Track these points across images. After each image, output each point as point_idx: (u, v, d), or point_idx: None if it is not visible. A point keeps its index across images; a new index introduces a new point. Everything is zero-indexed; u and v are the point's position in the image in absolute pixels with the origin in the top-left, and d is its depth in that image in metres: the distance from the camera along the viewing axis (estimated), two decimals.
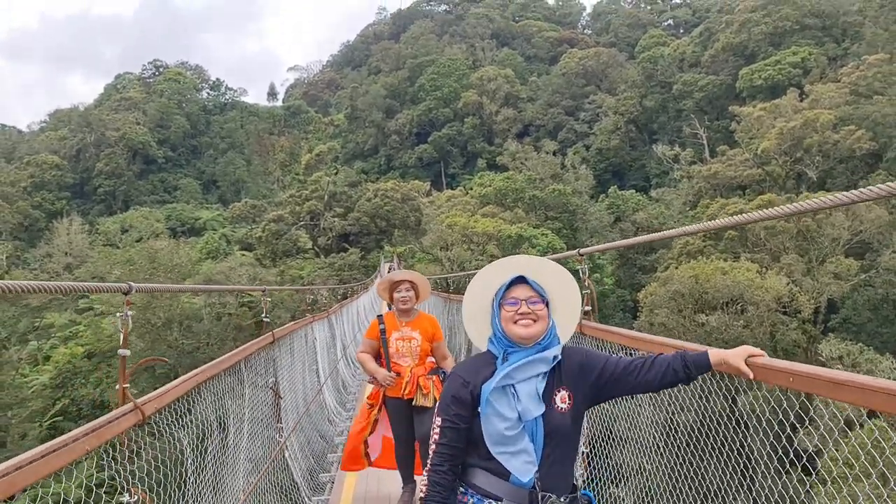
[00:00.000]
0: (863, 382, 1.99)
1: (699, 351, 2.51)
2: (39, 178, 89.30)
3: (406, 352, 5.55)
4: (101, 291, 6.56)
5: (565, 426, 2.43)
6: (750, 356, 2.42)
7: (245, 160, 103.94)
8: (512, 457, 2.37)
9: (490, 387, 2.40)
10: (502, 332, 2.50)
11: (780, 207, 2.86)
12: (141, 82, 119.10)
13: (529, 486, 2.36)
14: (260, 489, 5.30)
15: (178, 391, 3.42)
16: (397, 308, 5.64)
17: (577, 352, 2.62)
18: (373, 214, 57.69)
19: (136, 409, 2.94)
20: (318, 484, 6.93)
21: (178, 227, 77.88)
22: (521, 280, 2.54)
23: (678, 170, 66.62)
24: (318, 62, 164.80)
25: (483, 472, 2.42)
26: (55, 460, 2.26)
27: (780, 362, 2.33)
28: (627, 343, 3.94)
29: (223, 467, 4.43)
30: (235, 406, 4.95)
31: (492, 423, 2.39)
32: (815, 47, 71.91)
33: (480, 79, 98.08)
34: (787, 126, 49.78)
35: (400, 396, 5.45)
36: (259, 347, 5.78)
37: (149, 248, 46.15)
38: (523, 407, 2.38)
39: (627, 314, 44.61)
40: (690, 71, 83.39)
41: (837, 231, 37.28)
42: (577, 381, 2.49)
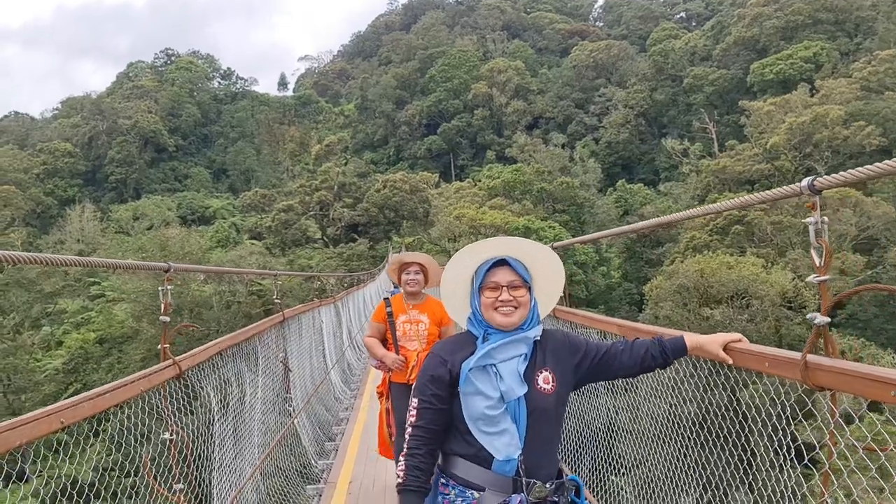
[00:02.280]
0: (831, 366, 2.03)
1: (675, 336, 2.51)
2: (52, 165, 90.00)
3: (413, 335, 5.44)
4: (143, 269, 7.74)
5: (549, 407, 2.34)
6: (729, 342, 2.43)
7: (255, 149, 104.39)
8: (494, 438, 2.27)
9: (470, 365, 2.31)
10: (481, 316, 2.41)
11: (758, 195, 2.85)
12: (153, 71, 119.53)
13: (512, 474, 2.27)
14: (274, 451, 5.89)
15: (205, 354, 4.01)
16: (405, 290, 5.54)
17: (559, 334, 2.56)
18: (381, 205, 58.02)
19: (174, 365, 3.51)
20: (323, 450, 7.48)
21: (188, 215, 78.47)
22: (503, 262, 2.43)
23: (687, 164, 66.61)
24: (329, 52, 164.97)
25: (463, 461, 2.32)
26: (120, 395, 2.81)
27: (758, 347, 2.30)
28: (593, 325, 4.22)
29: (241, 419, 5.10)
30: (250, 373, 5.51)
31: (473, 402, 2.30)
32: (828, 42, 71.59)
33: (491, 70, 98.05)
34: (797, 121, 49.76)
35: (406, 382, 5.33)
36: (272, 324, 6.22)
37: (160, 236, 46.71)
38: (507, 386, 2.28)
39: (633, 307, 44.86)
40: (701, 64, 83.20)
41: (844, 227, 37.31)
42: (559, 363, 2.41)
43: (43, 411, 2.33)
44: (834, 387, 2.10)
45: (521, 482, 2.26)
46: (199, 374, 4.12)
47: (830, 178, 2.21)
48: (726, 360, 2.43)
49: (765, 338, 30.90)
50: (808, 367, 2.13)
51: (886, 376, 1.87)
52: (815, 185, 2.20)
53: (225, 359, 4.80)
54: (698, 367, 3.27)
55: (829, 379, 2.08)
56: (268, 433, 5.88)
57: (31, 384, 38.93)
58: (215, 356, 4.45)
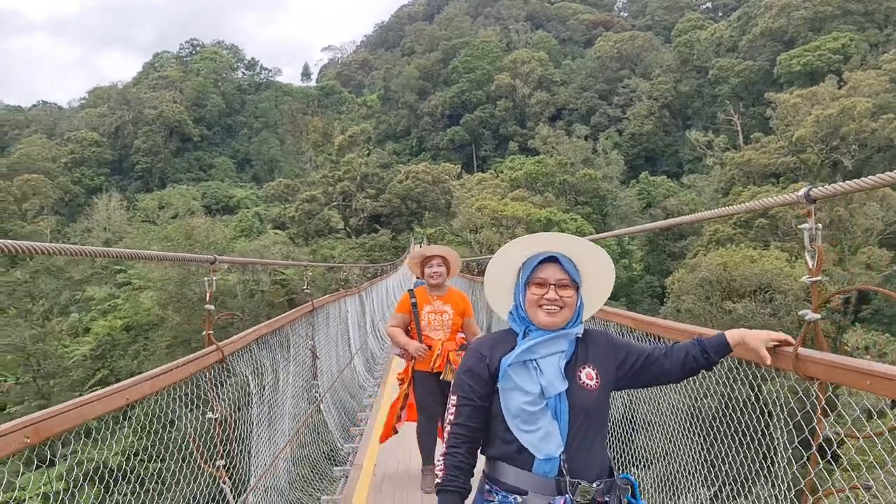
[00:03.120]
0: (819, 358, 2.22)
1: (714, 334, 2.43)
2: (79, 154, 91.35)
3: (438, 325, 5.57)
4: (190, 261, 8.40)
5: (593, 404, 2.26)
6: (774, 341, 2.36)
7: (279, 140, 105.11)
8: (533, 435, 2.20)
9: (510, 360, 2.26)
10: (525, 312, 2.35)
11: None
12: (178, 61, 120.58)
13: (554, 474, 2.18)
14: (302, 431, 6.27)
15: (244, 341, 4.32)
16: (428, 283, 5.70)
17: (602, 334, 2.48)
18: (404, 196, 58.25)
19: (217, 350, 3.78)
20: (349, 435, 7.83)
21: (212, 204, 79.30)
22: (553, 259, 2.35)
23: (711, 156, 66.08)
24: (352, 42, 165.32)
25: (505, 465, 2.25)
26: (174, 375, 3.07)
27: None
28: (608, 318, 4.34)
29: (275, 401, 5.42)
30: (283, 359, 5.83)
31: (512, 397, 2.23)
32: (857, 33, 70.48)
33: (514, 61, 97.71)
34: (824, 113, 49.15)
35: (429, 370, 5.47)
36: (302, 314, 6.50)
37: (185, 226, 47.26)
38: (547, 381, 2.22)
39: (655, 300, 44.74)
40: (727, 56, 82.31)
41: (871, 221, 36.93)
42: (603, 361, 2.34)
43: (108, 390, 2.57)
44: (820, 377, 2.27)
45: (566, 483, 2.17)
46: (240, 358, 4.40)
47: (825, 189, 2.43)
48: (765, 359, 2.33)
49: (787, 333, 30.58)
50: (800, 359, 2.29)
51: (863, 367, 2.07)
52: (811, 195, 2.40)
53: (261, 345, 5.08)
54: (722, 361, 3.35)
55: (817, 369, 2.26)
56: (297, 417, 6.22)
57: (59, 370, 39.72)
58: (251, 343, 4.72)
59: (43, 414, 2.21)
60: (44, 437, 2.20)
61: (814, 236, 2.41)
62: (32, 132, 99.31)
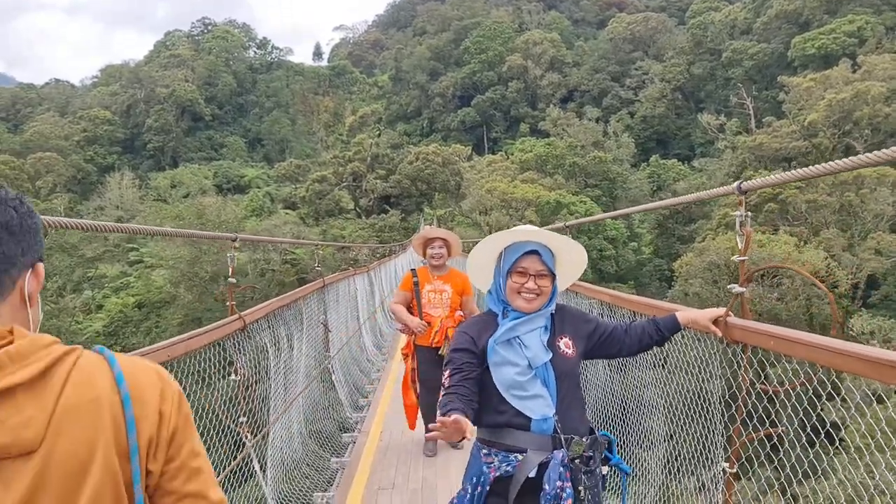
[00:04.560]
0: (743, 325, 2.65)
1: (668, 314, 2.83)
2: (92, 132, 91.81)
3: (437, 303, 5.92)
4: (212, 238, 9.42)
5: (573, 369, 2.55)
6: (717, 317, 2.79)
7: (290, 119, 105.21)
8: (528, 401, 2.43)
9: (496, 339, 2.51)
10: (504, 296, 2.60)
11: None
12: (190, 39, 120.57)
13: (550, 432, 2.42)
14: (313, 396, 6.86)
15: (262, 311, 4.77)
16: (430, 263, 6.05)
17: (572, 308, 2.83)
18: (414, 177, 58.35)
19: (240, 319, 4.22)
20: (357, 405, 8.29)
21: (224, 183, 79.67)
22: (535, 252, 2.58)
23: (723, 140, 65.74)
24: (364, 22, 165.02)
25: (503, 429, 2.46)
26: (205, 338, 3.51)
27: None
28: (590, 294, 4.66)
29: (290, 366, 5.97)
30: (297, 330, 6.34)
31: (503, 371, 2.47)
32: (873, 16, 69.63)
33: (526, 42, 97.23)
34: (837, 98, 48.78)
35: (429, 345, 5.84)
36: (314, 289, 6.89)
37: (197, 204, 47.62)
38: (532, 353, 2.47)
39: (664, 283, 44.86)
40: (741, 38, 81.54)
41: (881, 206, 36.80)
42: (576, 331, 2.64)
43: (152, 348, 2.96)
44: (744, 340, 2.73)
45: (560, 439, 2.41)
46: (259, 327, 4.82)
47: (755, 182, 3.01)
48: (715, 331, 2.76)
49: (794, 317, 30.81)
50: (728, 326, 2.79)
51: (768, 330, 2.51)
52: (742, 188, 2.93)
53: (277, 317, 5.53)
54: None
55: (741, 334, 2.73)
56: (308, 374, 6.92)
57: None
58: (269, 314, 5.14)
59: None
60: None
61: (743, 222, 2.90)
62: (45, 110, 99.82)
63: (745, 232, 2.94)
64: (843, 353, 2.12)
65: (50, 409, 1.06)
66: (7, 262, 1.13)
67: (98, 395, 1.11)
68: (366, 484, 5.65)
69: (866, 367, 1.94)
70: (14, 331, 1.08)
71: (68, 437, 1.06)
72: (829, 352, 2.19)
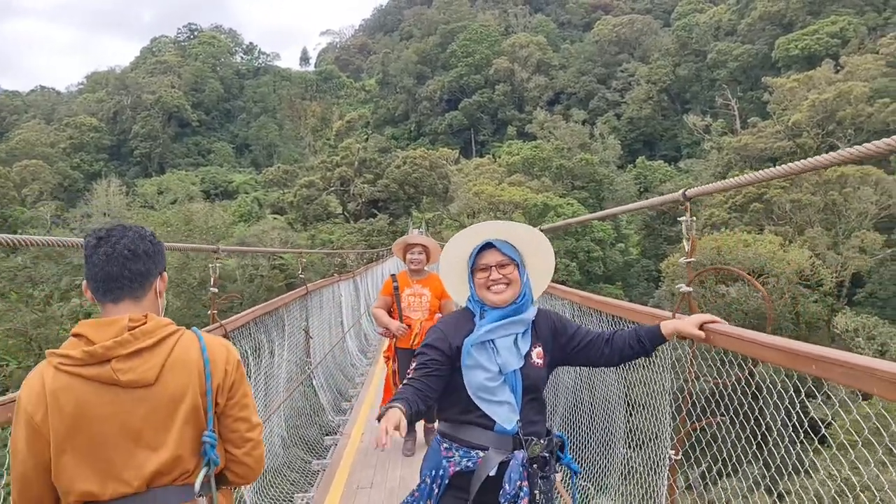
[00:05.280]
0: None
1: (652, 324, 2.72)
2: (78, 139, 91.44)
3: (417, 306, 6.09)
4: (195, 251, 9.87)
5: (541, 380, 2.59)
6: (704, 323, 2.65)
7: (277, 125, 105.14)
8: (495, 406, 2.49)
9: (471, 341, 2.53)
10: (477, 296, 2.63)
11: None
12: (176, 45, 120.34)
13: (513, 433, 2.49)
14: (296, 404, 6.99)
15: (244, 319, 4.94)
16: (409, 268, 6.21)
17: (552, 314, 2.77)
18: (401, 181, 58.41)
19: (221, 327, 4.39)
20: (340, 408, 8.38)
21: (211, 189, 79.51)
22: (490, 245, 2.64)
23: (709, 141, 66.20)
24: (351, 27, 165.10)
25: (467, 426, 2.53)
26: None
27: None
28: (564, 296, 4.78)
29: (270, 375, 6.08)
30: (278, 337, 6.44)
31: (474, 374, 2.51)
32: (855, 17, 70.40)
33: (512, 45, 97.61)
34: (820, 98, 49.25)
35: (410, 347, 6.01)
36: (297, 297, 6.96)
37: (185, 211, 47.41)
38: (503, 360, 2.51)
39: (651, 283, 45.08)
40: (726, 39, 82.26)
41: (864, 205, 37.16)
42: (549, 341, 2.65)
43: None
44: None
45: (521, 440, 2.48)
46: (240, 334, 4.96)
47: (699, 189, 3.13)
48: (700, 336, 2.64)
49: (780, 315, 31.07)
50: (712, 333, 2.74)
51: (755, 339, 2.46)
52: (687, 195, 3.09)
53: (259, 325, 5.66)
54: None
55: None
56: (290, 381, 6.97)
57: None
58: (250, 322, 5.26)
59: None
60: None
61: (689, 227, 3.07)
62: (31, 117, 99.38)
63: (690, 236, 3.09)
64: (820, 359, 2.09)
65: (162, 362, 1.90)
66: (149, 274, 2.00)
67: (191, 357, 1.95)
68: (345, 483, 5.78)
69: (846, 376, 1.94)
70: (147, 315, 1.93)
71: (172, 379, 1.91)
72: (807, 358, 2.16)
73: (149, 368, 1.88)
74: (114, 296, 1.95)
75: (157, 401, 1.89)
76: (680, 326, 2.66)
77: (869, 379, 1.88)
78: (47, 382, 1.85)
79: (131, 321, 1.91)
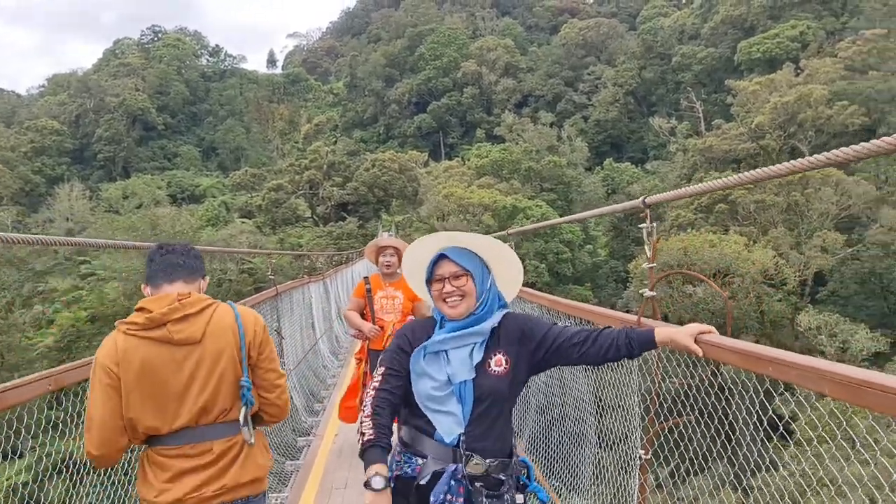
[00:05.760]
0: (648, 323, 2.73)
1: (646, 328, 2.54)
2: (39, 143, 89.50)
3: (390, 308, 6.08)
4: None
5: (499, 390, 2.45)
6: (700, 333, 2.47)
7: (244, 128, 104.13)
8: (439, 415, 2.41)
9: (423, 350, 2.48)
10: (435, 306, 2.59)
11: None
12: (139, 48, 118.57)
13: (453, 445, 2.39)
14: None
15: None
16: (381, 271, 6.19)
17: (520, 319, 2.63)
18: (371, 184, 58.25)
19: None
20: (312, 409, 8.40)
21: (178, 193, 78.45)
22: (444, 256, 2.57)
23: (674, 143, 67.11)
24: (318, 29, 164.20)
25: (412, 430, 2.48)
26: None
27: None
28: (546, 304, 4.84)
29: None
30: None
31: (421, 382, 2.45)
32: (814, 21, 71.98)
33: (480, 48, 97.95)
34: (782, 101, 50.18)
35: (383, 349, 5.77)
36: (267, 297, 6.91)
37: (150, 215, 46.77)
38: (453, 370, 2.43)
39: (620, 284, 45.51)
40: (690, 43, 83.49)
41: (826, 206, 37.94)
42: (516, 348, 2.51)
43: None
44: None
45: (461, 454, 2.37)
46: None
47: (658, 196, 3.38)
48: (697, 352, 2.46)
49: (745, 314, 31.60)
50: (640, 324, 2.99)
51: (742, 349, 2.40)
52: (646, 202, 3.32)
53: None
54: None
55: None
56: None
57: (24, 361, 39.11)
58: None
59: (61, 368, 2.96)
60: (61, 386, 2.90)
61: (650, 232, 3.24)
62: None
63: (651, 242, 3.23)
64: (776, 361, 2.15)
65: (205, 325, 2.51)
66: (196, 270, 2.68)
67: (227, 321, 2.57)
68: (319, 483, 5.80)
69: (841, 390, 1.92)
70: (191, 293, 2.56)
71: (213, 338, 2.52)
72: (764, 360, 2.24)
73: (196, 329, 2.51)
74: (170, 278, 2.61)
75: (202, 355, 2.51)
76: (676, 337, 2.46)
77: (820, 380, 1.98)
78: (119, 344, 2.48)
79: (179, 295, 2.55)
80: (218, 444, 2.53)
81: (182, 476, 2.48)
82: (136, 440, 2.52)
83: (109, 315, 43.01)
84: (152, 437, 2.50)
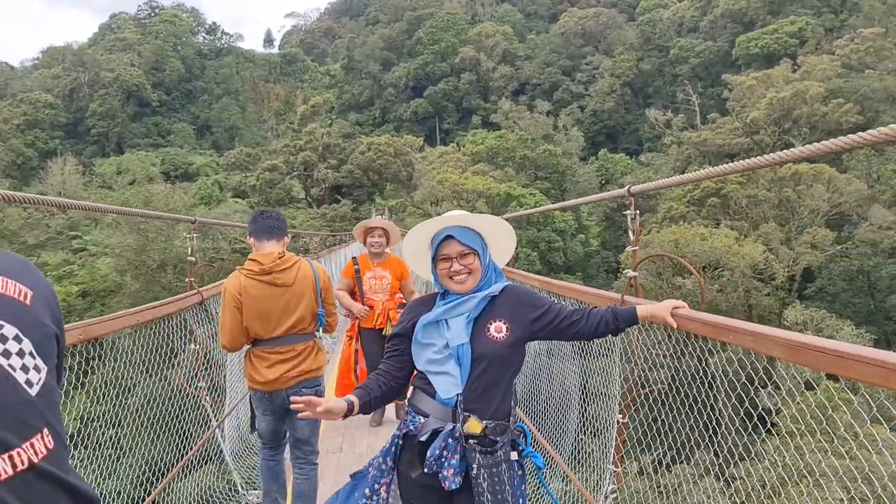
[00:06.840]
0: (630, 300, 3.07)
1: (629, 305, 2.88)
2: (33, 116, 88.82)
3: (378, 288, 6.31)
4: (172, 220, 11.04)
5: (499, 354, 2.60)
6: (675, 308, 2.83)
7: (240, 107, 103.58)
8: (438, 376, 2.57)
9: (425, 321, 2.67)
10: (439, 283, 2.75)
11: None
12: (136, 23, 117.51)
13: (452, 405, 2.55)
14: None
15: (218, 289, 5.03)
16: (370, 251, 6.39)
17: (521, 290, 2.83)
18: (365, 167, 58.24)
19: (198, 293, 4.75)
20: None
21: (171, 171, 78.15)
22: (450, 237, 2.72)
23: (670, 135, 67.27)
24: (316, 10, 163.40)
25: (417, 391, 2.67)
26: (166, 309, 4.16)
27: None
28: (537, 285, 5.09)
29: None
30: None
31: (422, 350, 2.64)
32: (813, 17, 72.10)
33: (479, 34, 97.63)
34: (778, 96, 50.39)
35: (373, 327, 6.29)
36: None
37: (144, 192, 46.68)
38: (451, 335, 2.60)
39: (611, 275, 45.79)
40: (689, 36, 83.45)
41: (817, 202, 38.25)
42: (515, 316, 2.67)
43: (126, 312, 3.91)
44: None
45: (459, 414, 2.53)
46: (214, 302, 5.21)
47: (642, 186, 3.67)
48: (672, 324, 2.80)
49: (734, 307, 31.93)
50: (623, 301, 3.41)
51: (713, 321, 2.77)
52: (631, 191, 3.62)
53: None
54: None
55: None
56: None
57: None
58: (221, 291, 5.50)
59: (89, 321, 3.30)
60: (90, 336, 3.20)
61: (634, 219, 3.57)
62: None
63: (634, 227, 3.58)
64: (734, 329, 2.50)
65: (295, 274, 4.07)
66: (284, 229, 4.15)
67: (307, 272, 4.15)
68: None
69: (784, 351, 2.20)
70: (284, 252, 4.10)
71: (300, 284, 4.07)
72: (726, 329, 2.59)
73: (289, 277, 4.00)
74: (269, 236, 4.05)
75: (293, 293, 4.01)
76: (655, 312, 2.81)
77: (770, 343, 2.29)
78: (241, 281, 3.95)
79: (278, 254, 4.00)
80: (299, 346, 4.06)
81: (276, 364, 4.00)
82: (247, 341, 4.03)
83: (100, 290, 43.11)
84: (257, 340, 4.01)
